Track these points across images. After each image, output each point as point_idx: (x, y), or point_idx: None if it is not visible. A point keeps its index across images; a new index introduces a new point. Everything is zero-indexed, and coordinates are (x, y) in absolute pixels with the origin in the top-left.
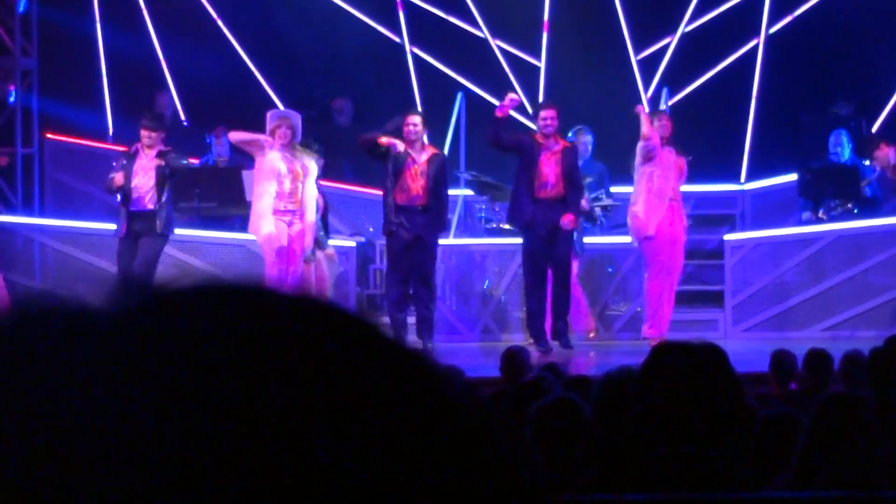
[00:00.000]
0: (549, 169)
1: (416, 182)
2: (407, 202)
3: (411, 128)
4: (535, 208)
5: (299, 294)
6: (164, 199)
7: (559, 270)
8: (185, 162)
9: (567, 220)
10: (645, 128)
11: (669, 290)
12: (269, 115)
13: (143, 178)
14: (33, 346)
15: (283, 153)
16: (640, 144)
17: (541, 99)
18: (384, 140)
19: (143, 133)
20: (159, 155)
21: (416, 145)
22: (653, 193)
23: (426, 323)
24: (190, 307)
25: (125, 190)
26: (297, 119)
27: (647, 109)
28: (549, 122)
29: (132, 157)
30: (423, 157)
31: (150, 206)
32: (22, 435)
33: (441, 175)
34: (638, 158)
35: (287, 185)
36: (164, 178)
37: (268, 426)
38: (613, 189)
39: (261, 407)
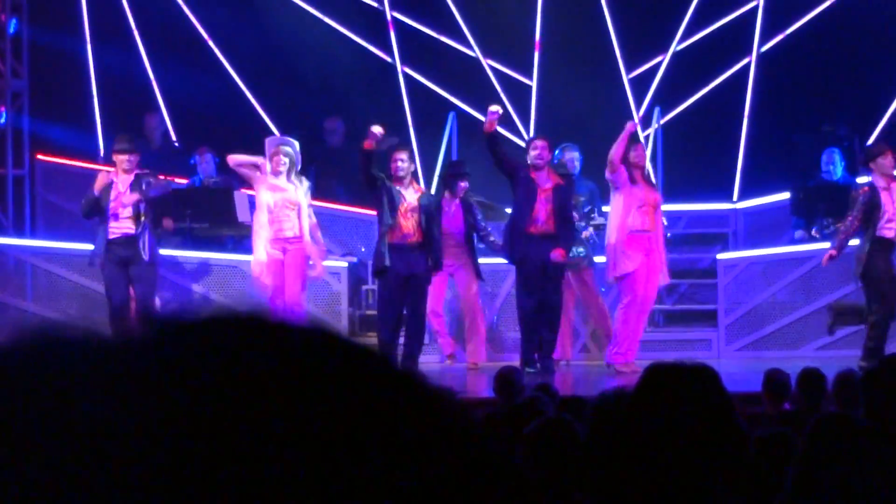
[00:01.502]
0: (540, 205)
1: (407, 220)
2: (399, 240)
3: (398, 164)
4: (527, 243)
5: (300, 324)
6: (142, 222)
7: (547, 313)
8: (161, 190)
9: (556, 254)
10: (615, 153)
11: (642, 319)
12: (267, 141)
13: (121, 204)
14: (42, 376)
15: (275, 182)
16: (606, 173)
17: (532, 118)
18: (368, 142)
19: (119, 158)
20: (136, 178)
21: (404, 181)
22: (629, 231)
23: (411, 360)
24: (198, 340)
25: (102, 212)
26: (293, 146)
27: (640, 130)
28: (540, 152)
29: (108, 183)
30: (412, 194)
31: (132, 232)
32: (29, 463)
33: (431, 213)
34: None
35: (280, 215)
36: (143, 201)
37: (277, 461)
38: (606, 208)
39: (270, 441)
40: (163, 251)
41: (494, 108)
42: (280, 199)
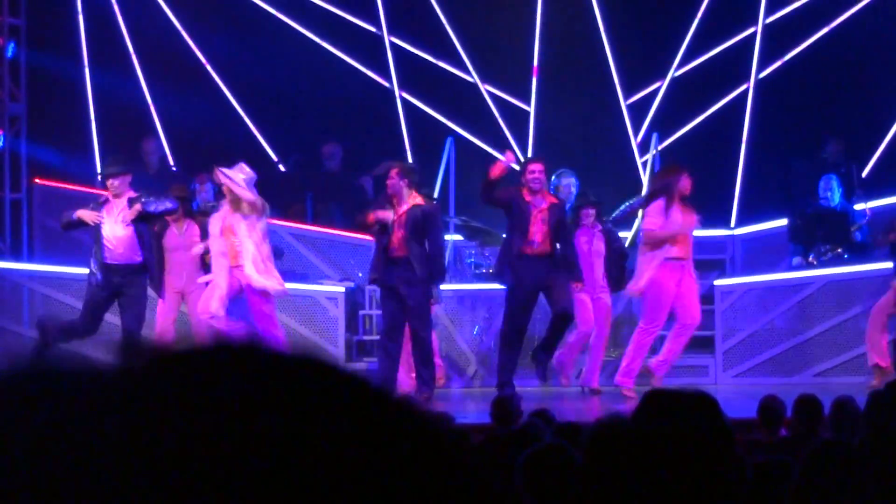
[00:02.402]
0: (536, 227)
1: (395, 234)
2: (390, 252)
3: (390, 181)
4: (521, 265)
5: (293, 354)
6: (146, 252)
7: (560, 321)
8: (162, 205)
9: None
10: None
11: (682, 342)
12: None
13: (117, 230)
14: (35, 406)
15: (219, 213)
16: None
17: (530, 143)
18: (372, 218)
19: (109, 183)
20: (131, 202)
21: (394, 199)
22: (664, 259)
23: (419, 379)
24: (191, 370)
25: (96, 239)
26: (223, 175)
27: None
28: (536, 175)
29: (100, 206)
30: (402, 209)
31: (136, 260)
32: (19, 493)
33: (418, 227)
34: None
35: (227, 244)
36: (144, 218)
37: (267, 489)
38: None
39: (260, 470)
40: None
41: (505, 159)
42: (216, 230)
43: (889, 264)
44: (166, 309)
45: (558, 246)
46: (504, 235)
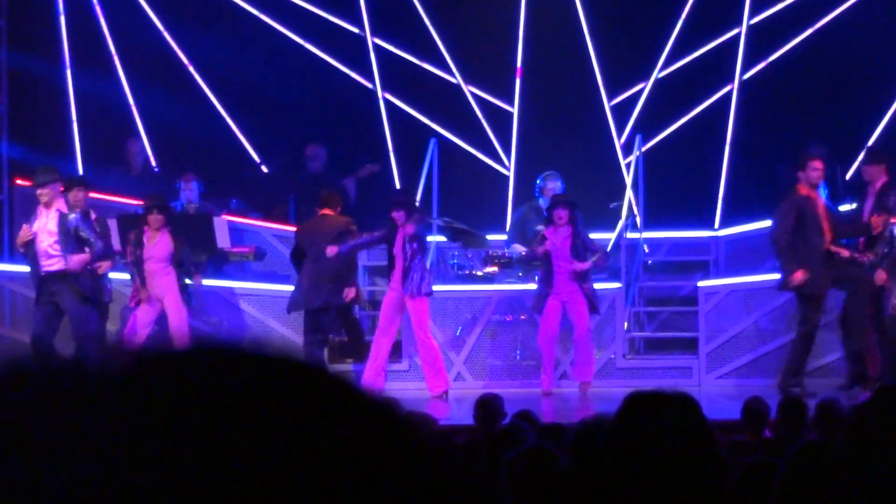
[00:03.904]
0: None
1: None
2: None
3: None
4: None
5: (276, 355)
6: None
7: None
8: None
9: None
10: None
11: None
12: None
13: (45, 238)
14: (22, 406)
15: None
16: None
17: (514, 144)
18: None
19: (38, 192)
20: (61, 217)
21: None
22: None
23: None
24: (175, 372)
25: (29, 250)
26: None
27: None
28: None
29: (32, 216)
30: None
31: (59, 267)
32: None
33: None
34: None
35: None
36: (68, 236)
37: (251, 491)
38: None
39: (245, 470)
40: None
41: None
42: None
43: None
44: (143, 315)
45: None
46: (489, 237)
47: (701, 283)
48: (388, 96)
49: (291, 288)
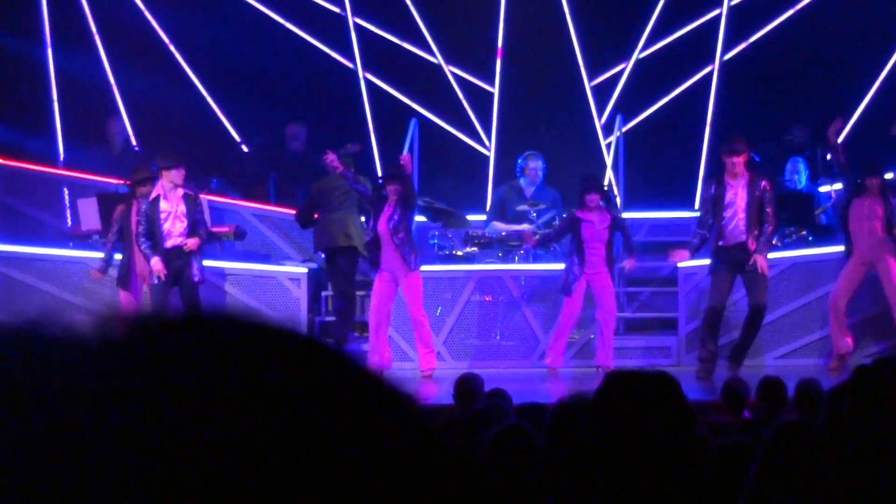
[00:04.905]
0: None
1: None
2: None
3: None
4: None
5: (272, 325)
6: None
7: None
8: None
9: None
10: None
11: None
12: None
13: (176, 222)
14: (17, 374)
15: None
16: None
17: (494, 125)
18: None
19: (165, 175)
20: (187, 199)
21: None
22: None
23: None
24: (174, 340)
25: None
26: None
27: (602, 139)
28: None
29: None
30: None
31: (184, 246)
32: (3, 464)
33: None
34: None
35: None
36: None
37: (250, 461)
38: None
39: (244, 439)
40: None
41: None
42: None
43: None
44: (131, 296)
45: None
46: (470, 217)
47: (680, 264)
48: (369, 76)
49: (271, 267)
